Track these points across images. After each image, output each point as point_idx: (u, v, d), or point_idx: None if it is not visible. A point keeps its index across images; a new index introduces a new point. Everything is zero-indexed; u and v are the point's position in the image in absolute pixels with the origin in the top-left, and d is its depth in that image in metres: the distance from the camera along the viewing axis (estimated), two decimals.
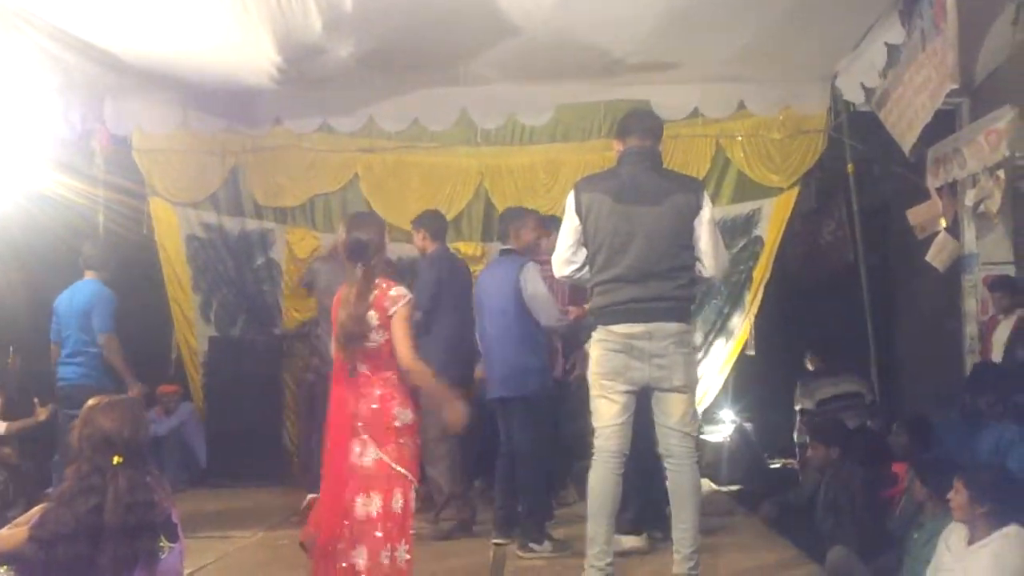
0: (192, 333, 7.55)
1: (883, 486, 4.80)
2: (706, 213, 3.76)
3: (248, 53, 5.87)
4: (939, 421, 5.30)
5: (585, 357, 4.15)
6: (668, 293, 3.70)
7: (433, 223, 5.52)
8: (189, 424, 7.31)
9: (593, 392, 3.81)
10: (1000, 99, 5.56)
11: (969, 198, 6.04)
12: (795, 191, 7.26)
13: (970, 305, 6.49)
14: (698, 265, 3.80)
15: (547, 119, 7.44)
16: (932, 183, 6.44)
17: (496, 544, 4.71)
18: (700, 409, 7.00)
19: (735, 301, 7.30)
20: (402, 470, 3.49)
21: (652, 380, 3.71)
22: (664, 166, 3.94)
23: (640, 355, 3.68)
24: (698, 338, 7.02)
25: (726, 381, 7.20)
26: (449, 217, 6.72)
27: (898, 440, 5.23)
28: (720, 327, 7.29)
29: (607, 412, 3.75)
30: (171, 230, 7.52)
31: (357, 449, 3.49)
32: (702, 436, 6.88)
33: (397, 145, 7.53)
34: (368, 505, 3.46)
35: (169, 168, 7.49)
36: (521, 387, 4.65)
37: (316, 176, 7.54)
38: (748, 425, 6.85)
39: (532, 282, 4.68)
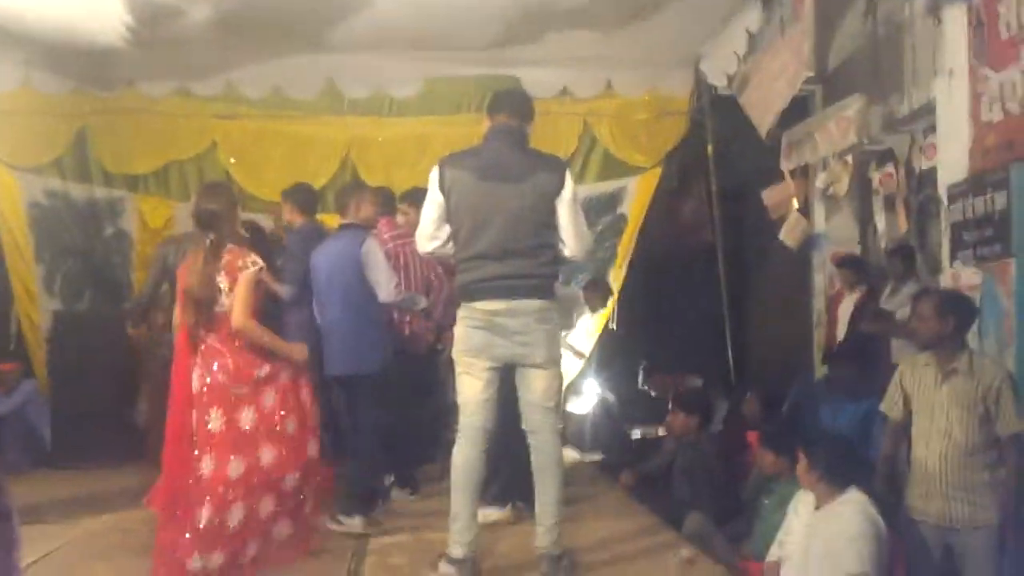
0: (34, 307, 7.09)
1: (737, 454, 5.01)
2: (567, 193, 3.75)
3: (96, 10, 5.51)
4: (796, 394, 5.55)
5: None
6: (530, 271, 3.71)
7: (303, 196, 5.35)
8: (32, 403, 6.85)
9: (458, 369, 3.80)
10: (851, 87, 5.87)
11: (820, 181, 6.35)
12: (658, 170, 7.48)
13: (819, 281, 6.87)
14: (560, 245, 3.82)
15: (416, 91, 7.34)
16: (786, 166, 6.74)
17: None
18: (565, 382, 7.14)
19: (600, 277, 7.44)
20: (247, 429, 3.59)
21: (515, 357, 3.72)
22: (530, 145, 3.92)
23: (502, 332, 3.68)
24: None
25: (590, 354, 7.35)
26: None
27: (749, 409, 5.47)
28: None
29: (471, 388, 3.75)
30: (11, 197, 7.01)
31: (207, 417, 3.56)
32: (567, 408, 7.03)
33: (259, 112, 7.26)
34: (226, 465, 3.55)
35: (9, 130, 6.94)
36: (362, 364, 4.57)
37: (171, 142, 7.19)
38: (611, 396, 7.01)
39: (373, 256, 4.61)
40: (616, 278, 7.50)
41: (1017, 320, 4.08)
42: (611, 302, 7.51)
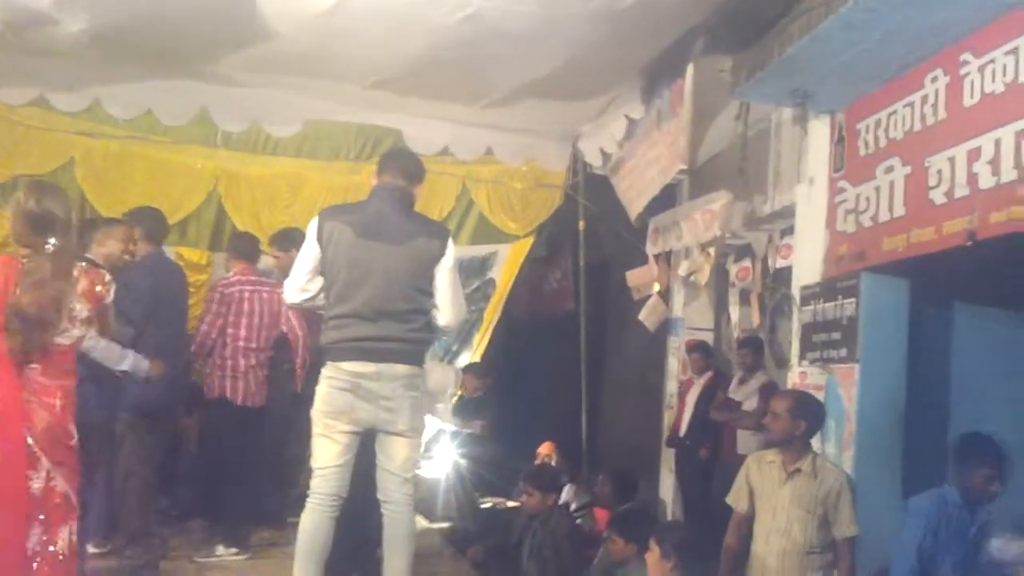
0: None
1: (587, 535, 5.03)
2: (448, 261, 3.73)
3: None
4: None
5: None
6: (401, 335, 3.64)
7: (150, 222, 5.06)
8: None
9: (316, 430, 3.65)
10: (718, 182, 6.15)
11: (682, 268, 6.59)
12: (530, 239, 7.56)
13: (672, 364, 7.07)
14: (434, 312, 3.76)
15: (294, 131, 7.16)
16: (651, 249, 6.97)
17: None
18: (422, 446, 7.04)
19: (464, 339, 7.44)
20: (74, 500, 3.14)
21: (378, 422, 3.63)
22: (415, 209, 3.88)
23: (367, 395, 3.58)
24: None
25: (448, 419, 7.27)
26: (174, 219, 6.28)
27: (602, 490, 5.52)
28: (448, 364, 7.38)
29: (328, 452, 3.61)
30: None
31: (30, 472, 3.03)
32: (418, 472, 6.88)
33: (125, 133, 6.89)
34: (43, 537, 3.05)
35: None
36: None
37: (25, 154, 6.69)
38: (464, 463, 6.94)
39: None
40: (480, 342, 7.50)
41: (857, 424, 4.31)
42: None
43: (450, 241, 3.80)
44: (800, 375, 4.84)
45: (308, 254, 3.70)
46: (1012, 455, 3.48)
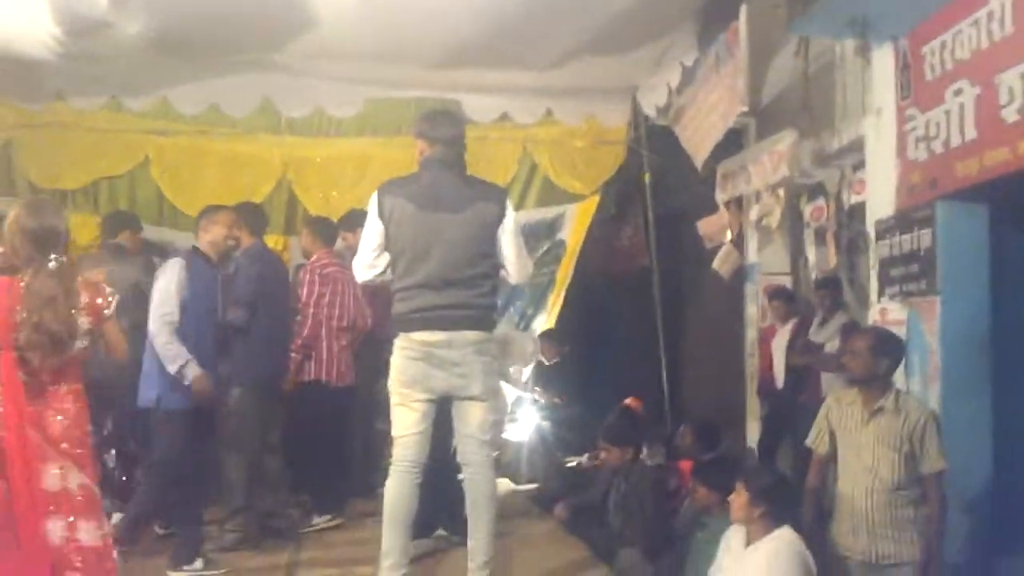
0: None
1: (672, 486, 5.03)
2: (509, 222, 3.76)
3: (22, 21, 5.32)
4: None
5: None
6: (469, 301, 3.69)
7: (251, 217, 5.21)
8: None
9: (393, 400, 3.74)
10: (783, 122, 5.99)
11: (753, 213, 6.46)
12: (597, 198, 7.51)
13: (751, 312, 6.96)
14: (502, 272, 3.82)
15: (355, 112, 7.26)
16: (721, 197, 6.86)
17: None
18: (505, 409, 7.16)
19: (538, 303, 7.48)
20: (97, 493, 3.29)
21: (452, 389, 3.69)
22: (468, 171, 3.91)
23: (440, 363, 3.64)
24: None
25: (528, 380, 7.35)
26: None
27: (683, 441, 5.50)
28: (524, 328, 7.44)
29: (407, 420, 3.69)
30: None
31: (55, 472, 3.15)
32: (503, 436, 7.00)
33: (193, 129, 7.10)
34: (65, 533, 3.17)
35: None
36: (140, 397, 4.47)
37: (101, 157, 6.97)
38: (548, 424, 7.01)
39: (156, 282, 4.49)
40: (554, 303, 7.52)
41: (941, 358, 4.18)
42: (550, 327, 7.53)
43: (508, 201, 3.84)
44: (880, 312, 4.71)
45: (372, 231, 3.76)
46: None
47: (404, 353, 3.69)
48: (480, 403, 3.73)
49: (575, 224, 7.48)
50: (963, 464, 3.83)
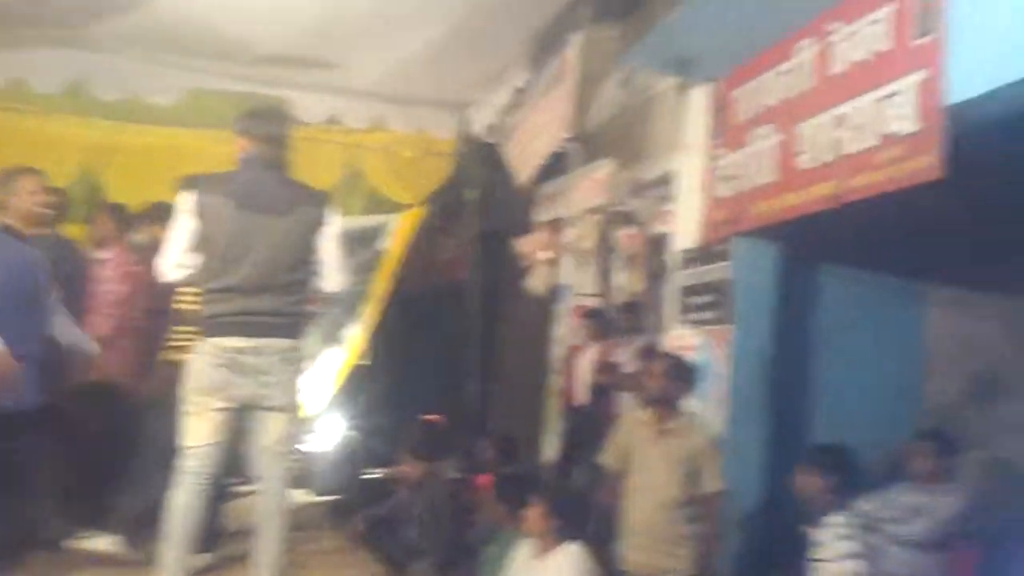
0: None
1: (469, 500, 5.05)
2: (332, 229, 3.66)
3: None
4: None
5: None
6: (282, 308, 3.55)
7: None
8: None
9: (187, 408, 3.54)
10: (604, 150, 6.21)
11: (569, 235, 6.63)
12: (421, 209, 7.49)
13: (560, 330, 7.13)
14: (320, 280, 3.70)
15: (175, 100, 6.90)
16: (540, 216, 7.01)
17: None
18: (309, 419, 6.96)
19: (353, 312, 7.33)
20: None
21: (254, 398, 3.54)
22: (290, 174, 3.77)
23: (245, 371, 3.49)
24: (314, 348, 6.99)
25: (337, 390, 7.19)
26: None
27: (484, 455, 5.54)
28: (335, 337, 7.28)
29: (201, 431, 3.50)
30: None
31: None
32: (303, 447, 6.80)
33: None
34: None
35: None
36: None
37: None
38: (352, 435, 6.89)
39: None
40: (370, 313, 7.41)
41: (730, 384, 4.44)
42: (363, 337, 7.41)
43: (331, 207, 3.72)
44: (677, 337, 4.96)
45: (184, 228, 3.54)
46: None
47: (206, 359, 3.50)
48: (282, 414, 3.59)
49: (398, 235, 7.43)
50: (743, 483, 4.06)
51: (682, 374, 3.89)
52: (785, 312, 4.60)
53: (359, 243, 7.27)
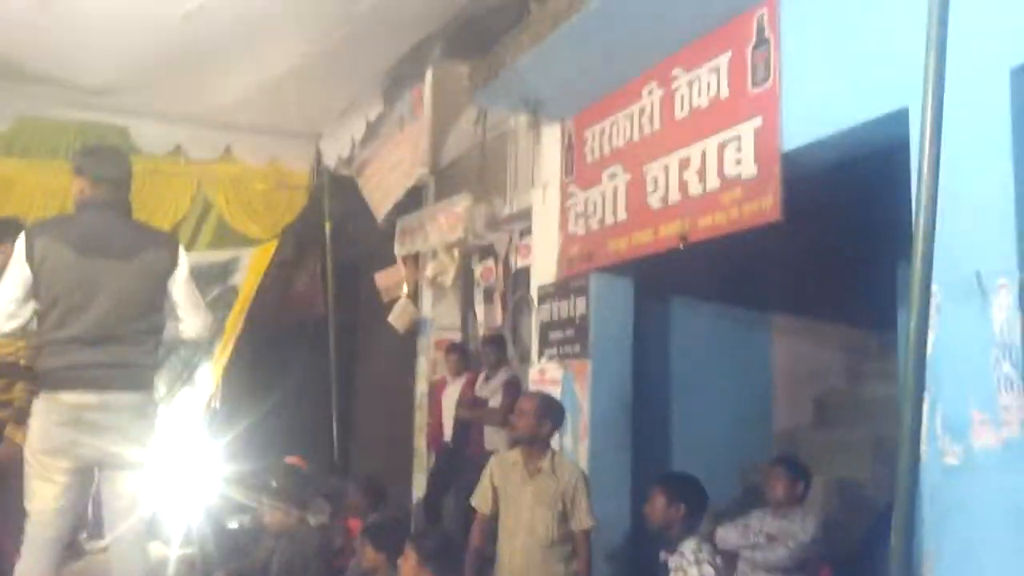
0: None
1: (337, 546, 4.95)
2: (182, 272, 3.49)
3: None
4: None
5: None
6: (130, 359, 3.35)
7: None
8: None
9: (29, 471, 3.29)
10: (461, 184, 6.27)
11: (429, 269, 6.65)
12: (274, 243, 7.31)
13: (423, 364, 7.12)
14: (178, 326, 3.51)
15: (5, 128, 6.48)
16: (399, 251, 6.99)
17: None
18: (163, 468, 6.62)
19: (205, 351, 7.06)
20: None
21: (104, 457, 3.31)
22: (132, 216, 3.60)
23: (92, 429, 3.26)
24: (161, 390, 6.69)
25: (191, 434, 6.88)
26: None
27: (351, 499, 5.44)
28: (186, 379, 6.99)
29: (46, 494, 3.26)
30: None
31: None
32: (157, 497, 6.45)
33: None
34: None
35: None
36: None
37: None
38: (209, 482, 6.59)
39: None
40: (223, 353, 7.15)
41: (591, 417, 4.56)
42: (217, 377, 7.15)
43: (181, 249, 3.56)
44: (540, 371, 5.05)
45: (17, 277, 3.29)
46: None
47: (48, 417, 3.26)
48: (135, 472, 3.40)
49: (250, 269, 7.20)
50: (608, 515, 4.16)
51: (551, 412, 3.93)
52: (641, 345, 4.77)
53: (209, 279, 7.01)
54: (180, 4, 4.72)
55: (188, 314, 3.51)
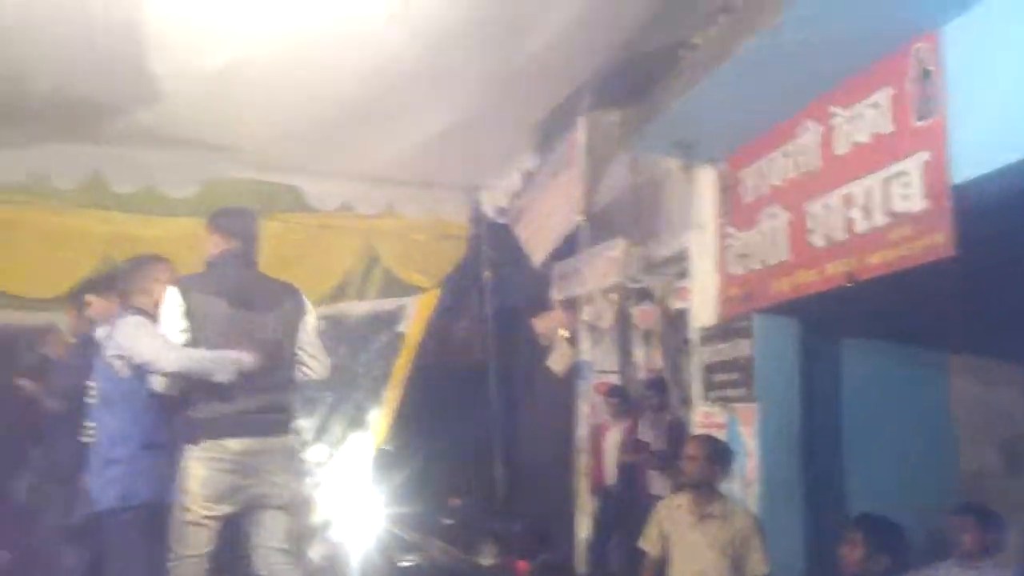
0: None
1: None
2: (312, 317, 3.78)
3: None
4: None
5: None
6: (279, 404, 3.62)
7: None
8: None
9: (185, 517, 3.45)
10: (615, 228, 6.32)
11: (586, 313, 6.72)
12: (437, 291, 7.59)
13: (583, 408, 7.16)
14: (305, 369, 3.75)
15: (192, 192, 7.06)
16: (556, 295, 7.10)
17: None
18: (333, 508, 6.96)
19: (375, 395, 7.39)
20: None
21: (259, 499, 3.55)
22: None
23: (254, 473, 3.50)
24: (335, 433, 7.07)
25: (362, 476, 7.19)
26: (68, 286, 6.07)
27: (519, 541, 5.53)
28: (358, 421, 7.32)
29: (199, 539, 3.44)
30: None
31: None
32: (328, 536, 6.77)
33: (12, 199, 6.67)
34: None
35: None
36: None
37: None
38: (380, 521, 6.86)
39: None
40: (391, 397, 7.46)
41: (759, 461, 4.46)
42: (386, 421, 7.46)
43: (304, 296, 3.82)
44: (703, 414, 4.99)
45: (176, 326, 3.52)
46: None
47: (210, 464, 3.45)
48: (285, 512, 3.61)
49: (415, 317, 7.51)
50: (780, 563, 4.05)
51: (720, 456, 3.91)
52: (809, 387, 4.64)
53: (377, 327, 7.38)
54: (348, 71, 5.04)
55: (316, 357, 3.75)
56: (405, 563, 6.38)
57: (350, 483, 7.00)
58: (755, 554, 3.68)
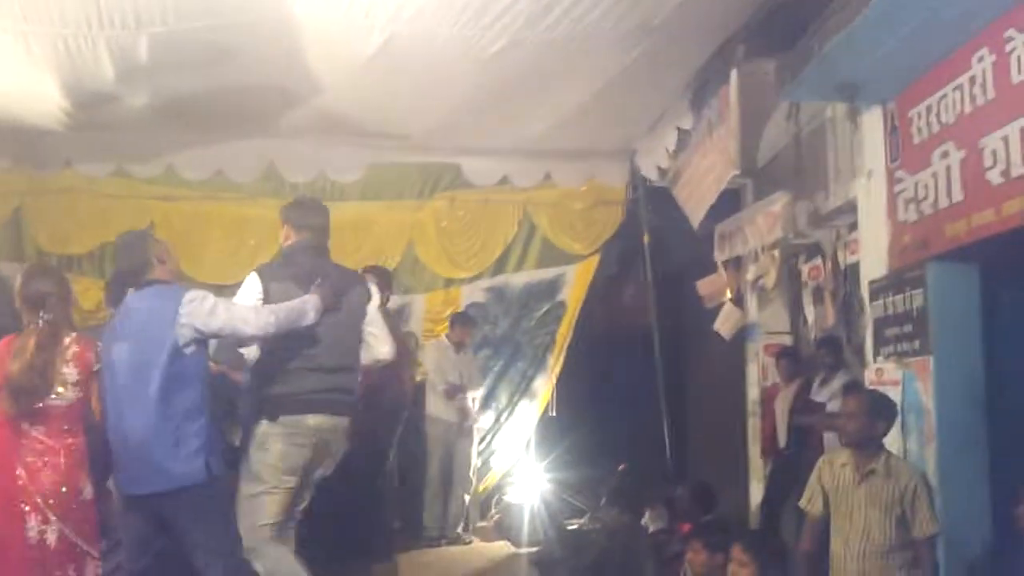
0: None
1: (672, 551, 4.99)
2: (376, 301, 3.94)
3: (32, 95, 5.48)
4: None
5: None
6: (349, 386, 3.79)
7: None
8: None
9: (261, 487, 3.57)
10: (778, 183, 6.06)
11: (751, 273, 6.51)
12: (596, 258, 7.58)
13: (752, 371, 6.96)
14: (372, 350, 3.88)
15: (358, 177, 7.40)
16: (719, 257, 6.92)
17: None
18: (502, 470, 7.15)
19: (539, 363, 7.49)
20: (85, 548, 3.37)
21: (322, 475, 3.78)
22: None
23: (325, 448, 3.69)
24: (502, 400, 7.23)
25: (528, 442, 7.33)
26: (249, 272, 6.52)
27: (685, 505, 5.46)
28: (524, 389, 7.45)
29: (276, 507, 3.59)
30: None
31: (34, 524, 3.29)
32: (504, 499, 6.96)
33: (198, 194, 7.25)
34: None
35: None
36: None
37: (108, 222, 7.08)
38: (548, 486, 6.97)
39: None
40: (555, 364, 7.54)
41: (937, 418, 4.18)
42: (550, 387, 7.54)
43: (368, 282, 4.01)
44: (877, 372, 4.72)
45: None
46: None
47: (290, 439, 3.60)
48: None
49: (575, 284, 7.54)
50: (962, 525, 3.81)
51: (882, 411, 3.70)
52: (990, 337, 4.30)
53: (539, 296, 7.47)
54: (491, 43, 5.07)
55: (379, 338, 3.90)
56: (573, 526, 6.47)
57: (518, 449, 7.15)
58: (923, 512, 3.47)
